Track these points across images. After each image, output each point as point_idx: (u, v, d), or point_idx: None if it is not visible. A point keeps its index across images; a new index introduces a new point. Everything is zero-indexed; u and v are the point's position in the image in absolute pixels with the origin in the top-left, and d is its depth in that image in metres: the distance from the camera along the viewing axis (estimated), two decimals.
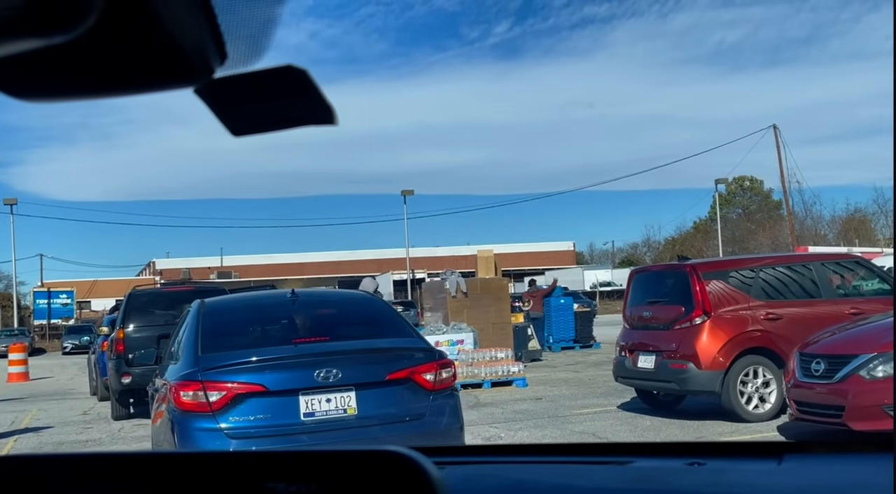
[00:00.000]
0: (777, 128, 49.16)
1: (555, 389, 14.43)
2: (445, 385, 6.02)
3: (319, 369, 5.71)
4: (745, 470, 1.62)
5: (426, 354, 6.11)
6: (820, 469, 1.62)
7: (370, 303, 7.17)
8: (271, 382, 5.70)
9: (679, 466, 1.64)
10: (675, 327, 10.50)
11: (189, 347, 6.14)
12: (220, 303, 7.07)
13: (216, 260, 71.69)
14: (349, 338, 6.38)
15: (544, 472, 1.73)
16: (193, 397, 5.62)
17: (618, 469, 1.67)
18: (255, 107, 0.85)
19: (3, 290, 68.33)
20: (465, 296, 17.60)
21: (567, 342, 23.68)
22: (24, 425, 13.63)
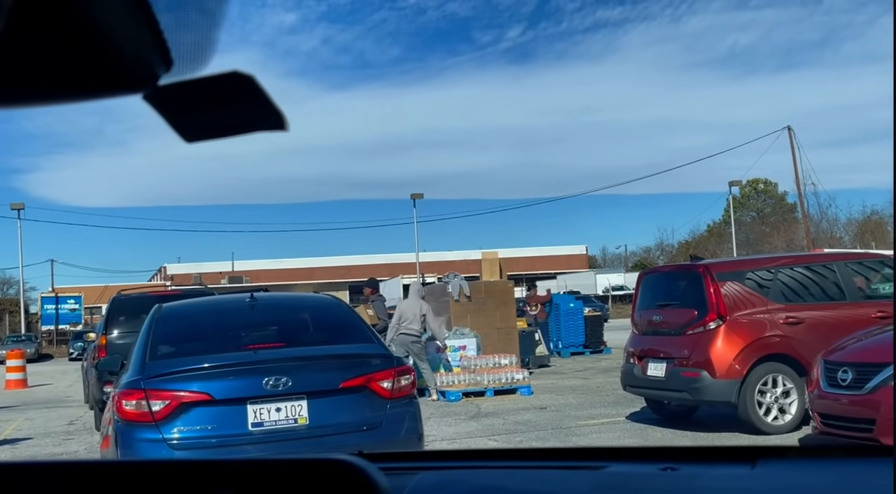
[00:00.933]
0: (791, 130, 48.35)
1: (561, 397, 13.70)
2: (404, 392, 5.84)
3: (269, 376, 5.52)
4: (718, 476, 1.61)
5: (383, 361, 5.91)
6: (792, 474, 1.60)
7: (333, 308, 6.83)
8: (217, 390, 5.51)
9: (652, 471, 1.63)
10: (688, 332, 9.75)
11: (137, 354, 5.93)
12: (176, 309, 6.78)
13: (227, 266, 71.75)
14: (305, 344, 6.18)
15: (515, 478, 1.70)
16: (136, 406, 5.44)
17: (591, 473, 1.66)
18: (205, 113, 0.84)
19: (14, 295, 68.00)
20: (468, 300, 16.86)
21: (577, 347, 22.95)
22: (3, 436, 13.05)
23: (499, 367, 14.55)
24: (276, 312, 6.74)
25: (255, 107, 0.84)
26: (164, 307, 6.67)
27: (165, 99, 0.80)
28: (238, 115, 0.86)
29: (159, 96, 0.79)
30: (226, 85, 0.81)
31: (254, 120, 0.86)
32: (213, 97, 0.82)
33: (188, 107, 0.83)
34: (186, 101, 0.82)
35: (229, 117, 0.86)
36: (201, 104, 0.83)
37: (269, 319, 6.50)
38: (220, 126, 0.87)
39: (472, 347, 15.29)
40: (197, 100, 0.82)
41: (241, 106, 0.84)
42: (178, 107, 0.83)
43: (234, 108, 0.84)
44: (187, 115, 0.84)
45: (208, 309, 7.03)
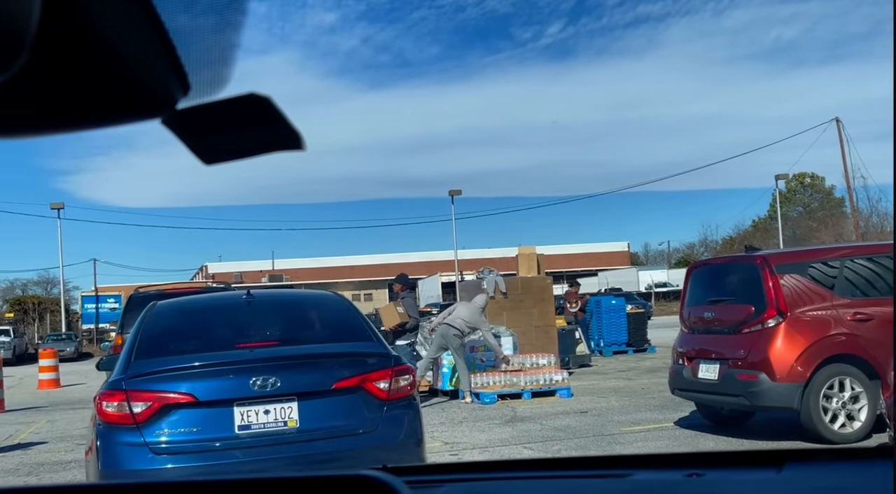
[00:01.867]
0: (840, 122, 46.86)
1: (603, 400, 12.84)
2: (402, 394, 5.53)
3: (256, 376, 5.25)
4: (745, 481, 1.59)
5: (380, 360, 5.58)
6: (820, 477, 1.58)
7: (332, 305, 6.42)
8: (202, 391, 5.24)
9: (678, 478, 1.61)
10: (744, 330, 8.83)
11: (124, 354, 5.70)
12: (169, 307, 6.44)
13: (268, 264, 71.92)
14: (299, 343, 5.87)
15: (540, 489, 1.69)
16: (117, 408, 5.19)
17: (616, 482, 1.64)
18: (223, 135, 0.85)
19: (58, 295, 68.52)
20: (504, 297, 16.03)
21: (619, 346, 22.04)
22: (19, 440, 12.55)
23: (537, 368, 13.72)
24: (271, 310, 6.40)
25: (272, 128, 0.84)
26: (158, 304, 6.40)
27: (183, 123, 0.81)
28: (256, 136, 0.86)
29: (177, 120, 0.80)
30: (243, 107, 0.81)
31: (271, 140, 0.87)
32: (230, 119, 0.82)
33: (206, 129, 0.83)
34: (204, 124, 0.82)
35: (247, 138, 0.86)
36: (219, 126, 0.83)
37: (263, 317, 6.17)
38: (239, 147, 0.87)
39: (509, 346, 14.47)
40: (214, 122, 0.82)
41: (259, 127, 0.84)
42: (196, 130, 0.83)
43: (251, 130, 0.84)
44: (205, 138, 0.85)
45: (202, 307, 6.68)
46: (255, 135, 0.85)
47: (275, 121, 0.84)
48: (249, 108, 0.81)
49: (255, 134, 0.85)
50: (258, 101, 0.81)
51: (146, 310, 6.27)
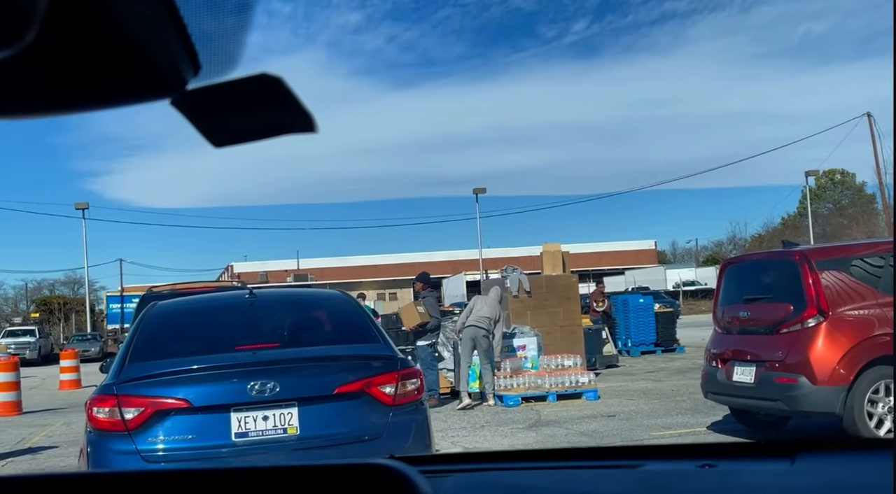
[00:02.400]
0: (871, 117, 45.92)
1: (631, 403, 12.35)
2: (409, 398, 5.27)
3: (255, 381, 5.00)
4: (758, 472, 1.58)
5: (386, 363, 5.33)
6: (834, 468, 1.57)
7: (338, 305, 6.13)
8: (197, 396, 5.00)
9: (690, 468, 1.60)
10: (782, 330, 8.32)
11: (118, 357, 5.49)
12: (168, 307, 6.21)
13: (293, 264, 71.95)
14: (301, 345, 5.62)
15: (552, 479, 1.67)
16: (108, 414, 4.98)
17: (627, 472, 1.63)
18: (233, 117, 0.84)
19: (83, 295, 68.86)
20: (528, 296, 15.54)
21: (647, 346, 21.50)
22: (31, 444, 12.27)
23: (562, 369, 13.23)
24: (274, 310, 6.16)
25: (284, 109, 0.83)
26: (157, 305, 6.16)
27: (193, 104, 0.80)
28: (267, 118, 0.84)
29: (187, 101, 0.79)
30: (254, 87, 0.79)
31: (283, 122, 0.85)
32: (241, 100, 0.81)
33: (216, 111, 0.82)
34: (215, 106, 0.81)
35: (258, 120, 0.84)
36: (230, 108, 0.82)
37: (266, 318, 5.94)
38: (249, 129, 0.85)
39: (533, 347, 13.98)
40: (225, 103, 0.81)
41: (270, 108, 0.83)
42: (207, 111, 0.82)
43: (262, 111, 0.83)
44: (215, 120, 0.83)
45: (203, 308, 6.40)
46: (267, 116, 0.84)
47: (287, 102, 0.82)
48: (261, 89, 0.80)
49: (267, 115, 0.84)
50: (270, 82, 0.80)
51: (145, 311, 6.10)
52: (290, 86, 0.80)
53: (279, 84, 0.80)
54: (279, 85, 0.80)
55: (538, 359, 13.72)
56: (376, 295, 60.55)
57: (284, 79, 0.80)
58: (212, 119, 0.83)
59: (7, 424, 15.05)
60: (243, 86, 0.78)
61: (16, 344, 43.75)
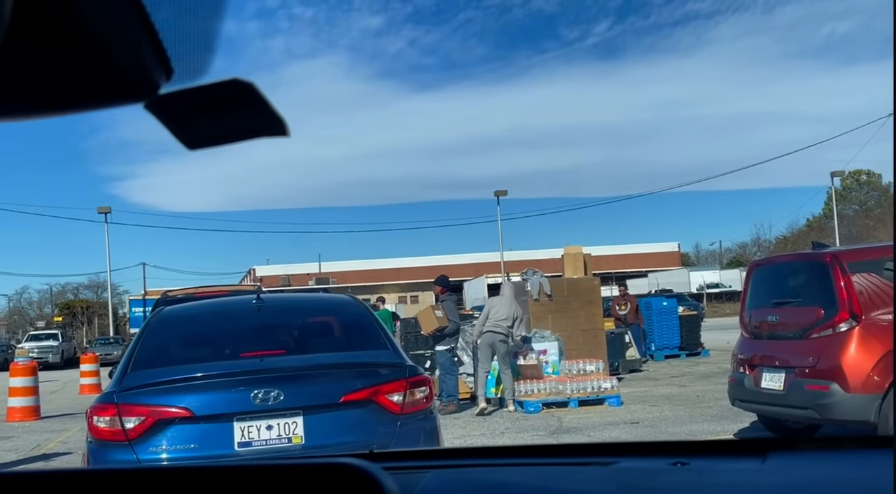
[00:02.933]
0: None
1: (655, 409, 12.04)
2: (418, 407, 5.14)
3: (258, 389, 4.88)
4: (729, 469, 1.61)
5: (394, 370, 5.20)
6: (803, 466, 1.60)
7: (347, 310, 5.96)
8: (199, 405, 4.89)
9: (663, 466, 1.63)
10: (812, 335, 8.00)
11: (121, 364, 5.40)
12: (174, 312, 6.08)
13: (315, 267, 72.07)
14: (308, 352, 5.52)
15: (527, 475, 1.69)
16: (109, 423, 4.88)
17: (601, 469, 1.65)
18: (206, 121, 0.85)
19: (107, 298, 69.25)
20: (549, 299, 15.26)
21: (671, 349, 21.14)
22: (45, 450, 12.16)
23: (584, 374, 12.94)
24: (281, 316, 6.04)
25: (256, 114, 0.84)
26: (164, 310, 6.06)
27: (166, 107, 0.81)
28: (239, 122, 0.85)
29: (160, 105, 0.80)
30: (226, 92, 0.80)
31: (255, 126, 0.86)
32: (213, 105, 0.82)
33: (189, 114, 0.83)
34: (187, 109, 0.82)
35: (231, 124, 0.85)
36: (202, 112, 0.83)
37: (272, 323, 5.82)
38: (222, 133, 0.86)
39: (554, 351, 13.71)
40: (198, 107, 0.82)
41: (243, 113, 0.83)
42: (179, 115, 0.83)
43: (235, 115, 0.84)
44: (189, 123, 0.84)
45: (209, 313, 6.25)
46: (239, 120, 0.85)
47: (259, 107, 0.83)
48: (233, 94, 0.81)
49: (239, 119, 0.85)
50: (242, 87, 0.81)
51: (150, 316, 6.03)
52: (261, 92, 0.81)
53: (251, 89, 0.81)
54: (251, 90, 0.81)
55: (559, 364, 13.45)
56: (397, 298, 60.42)
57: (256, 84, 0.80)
58: (185, 122, 0.84)
59: (24, 429, 14.97)
60: (215, 90, 0.79)
61: (39, 348, 43.97)
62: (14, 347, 46.49)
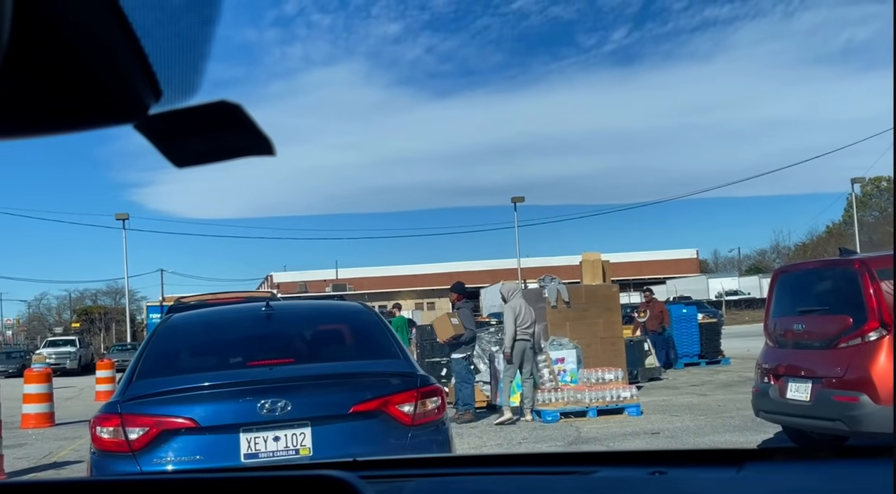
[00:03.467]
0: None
1: (676, 419, 11.79)
2: (429, 418, 5.00)
3: (265, 399, 4.76)
4: (705, 479, 1.62)
5: (405, 380, 5.06)
6: (779, 476, 1.61)
7: (358, 318, 5.83)
8: (204, 415, 4.77)
9: (641, 475, 1.64)
10: (841, 345, 7.74)
11: (126, 373, 5.28)
12: (182, 320, 5.94)
13: (332, 273, 72.06)
14: (315, 361, 5.37)
15: (506, 484, 1.72)
16: (112, 434, 4.76)
17: (580, 479, 1.67)
18: (194, 141, 0.86)
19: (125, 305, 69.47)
20: (567, 306, 15.03)
21: (691, 357, 20.84)
22: (56, 458, 12.04)
23: (603, 383, 12.70)
24: (291, 323, 5.90)
25: (243, 134, 0.85)
26: (172, 317, 5.96)
27: (155, 127, 0.82)
28: (227, 142, 0.87)
29: (149, 125, 0.81)
30: (214, 114, 0.82)
31: (242, 146, 0.87)
32: (201, 125, 0.83)
33: (178, 134, 0.84)
34: (176, 129, 0.83)
35: (218, 144, 0.87)
36: (190, 132, 0.84)
37: (281, 331, 5.68)
38: (210, 152, 0.88)
39: (572, 360, 13.47)
40: (186, 128, 0.83)
41: (230, 133, 0.85)
42: (168, 134, 0.84)
43: (222, 136, 0.85)
44: (177, 142, 0.86)
45: (217, 321, 6.10)
46: (227, 140, 0.86)
47: (245, 127, 0.84)
48: (220, 115, 0.82)
49: (227, 139, 0.86)
50: (229, 109, 0.82)
51: (158, 324, 5.91)
52: (248, 114, 0.83)
53: (238, 111, 0.82)
54: (238, 112, 0.82)
55: (577, 373, 13.22)
56: (414, 304, 60.29)
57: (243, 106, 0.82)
58: (173, 141, 0.85)
59: (38, 436, 14.89)
60: (203, 112, 0.80)
61: (56, 354, 44.05)
62: (32, 353, 46.61)
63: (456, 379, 12.91)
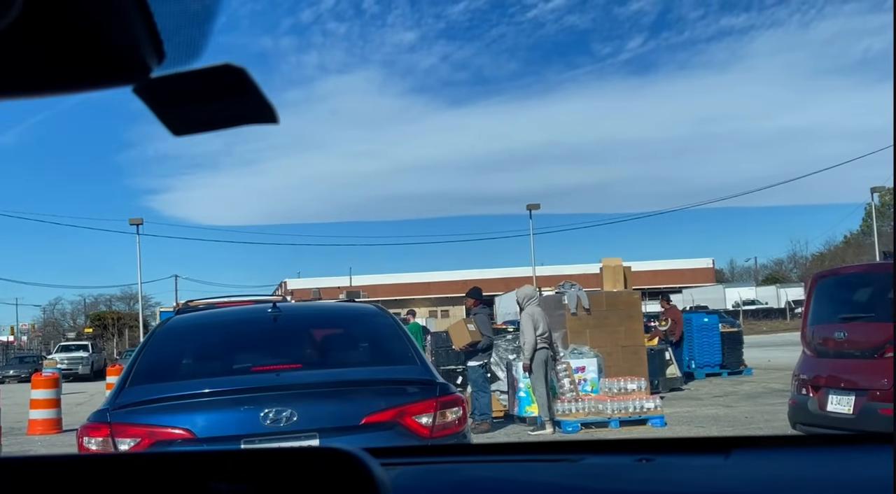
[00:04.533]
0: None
1: (702, 431, 11.33)
2: (449, 430, 4.57)
3: (269, 408, 4.35)
4: (693, 466, 1.63)
5: (423, 389, 4.65)
6: (766, 463, 1.62)
7: (372, 321, 5.44)
8: (202, 426, 4.38)
9: (628, 462, 1.65)
10: (887, 354, 7.29)
11: (119, 379, 4.95)
12: (181, 322, 5.58)
13: (345, 281, 71.87)
14: (325, 366, 5.02)
15: (495, 471, 1.73)
16: (101, 445, 4.39)
17: (568, 466, 1.68)
18: (196, 106, 0.85)
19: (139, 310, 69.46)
20: (587, 313, 14.57)
21: (713, 367, 20.32)
22: None
23: (625, 393, 12.23)
24: (299, 326, 5.50)
25: (246, 100, 0.83)
26: (170, 320, 5.61)
27: (156, 91, 0.80)
28: (229, 108, 0.85)
29: (150, 89, 0.80)
30: (218, 77, 0.80)
31: (245, 113, 0.86)
32: (204, 90, 0.82)
33: (179, 99, 0.83)
34: (177, 94, 0.82)
35: (220, 110, 0.85)
36: (192, 97, 0.82)
37: (288, 334, 5.30)
38: (211, 119, 0.86)
39: (593, 369, 13.00)
40: (188, 92, 0.81)
41: (233, 98, 0.84)
42: (169, 99, 0.82)
43: (225, 101, 0.84)
44: (178, 108, 0.84)
45: (220, 323, 5.70)
46: (229, 106, 0.84)
47: (249, 92, 0.82)
48: (224, 79, 0.80)
49: (229, 105, 0.84)
50: (234, 72, 0.80)
51: (156, 326, 5.65)
52: (253, 78, 0.80)
53: (243, 75, 0.80)
54: (243, 76, 0.80)
55: (598, 382, 12.76)
56: (428, 312, 59.90)
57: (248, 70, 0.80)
58: (174, 107, 0.83)
59: (44, 443, 14.58)
60: (207, 75, 0.78)
61: (69, 359, 43.93)
62: (45, 358, 46.48)
63: (472, 388, 12.49)
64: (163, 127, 0.82)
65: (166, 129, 0.85)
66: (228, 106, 0.84)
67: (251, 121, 0.86)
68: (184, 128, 0.85)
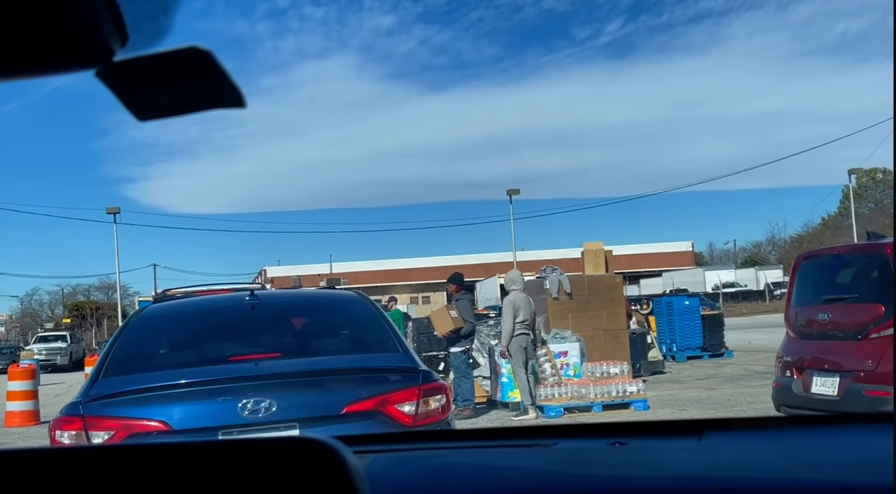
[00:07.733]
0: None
1: (685, 414, 11.32)
2: (432, 418, 4.53)
3: (247, 398, 4.28)
4: (665, 448, 1.65)
5: (405, 376, 4.61)
6: (739, 444, 1.64)
7: (352, 308, 5.36)
8: (178, 417, 4.31)
9: (602, 446, 1.67)
10: (871, 335, 7.25)
11: (93, 370, 4.87)
12: (157, 311, 5.47)
13: (326, 268, 71.67)
14: (305, 355, 4.95)
15: (469, 456, 1.74)
16: (74, 438, 4.31)
17: (542, 450, 1.70)
18: (160, 90, 0.83)
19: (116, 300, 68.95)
20: (569, 298, 14.52)
21: (693, 350, 20.38)
22: None
23: (608, 377, 12.20)
24: (277, 314, 5.42)
25: (212, 84, 0.82)
26: (145, 309, 5.55)
27: (120, 75, 0.79)
28: (195, 92, 0.83)
29: (113, 72, 0.78)
30: (183, 60, 0.78)
31: (211, 97, 0.84)
32: (169, 73, 0.80)
33: (143, 83, 0.80)
34: (142, 78, 0.80)
35: (186, 94, 0.83)
36: (157, 80, 0.80)
37: (267, 323, 5.22)
38: (177, 103, 0.84)
39: (575, 353, 12.96)
40: (153, 76, 0.80)
41: (199, 82, 0.82)
42: (133, 83, 0.80)
43: (191, 85, 0.82)
44: (142, 93, 0.82)
45: (196, 312, 5.59)
46: (195, 90, 0.83)
47: (216, 76, 0.81)
48: (190, 62, 0.79)
49: (195, 89, 0.82)
50: (199, 55, 0.78)
51: (130, 316, 5.54)
52: (219, 61, 0.79)
53: (208, 58, 0.78)
54: (208, 58, 0.78)
55: (581, 367, 12.72)
56: (409, 298, 59.85)
57: (214, 52, 0.78)
58: (138, 92, 0.81)
59: (21, 435, 14.39)
60: (172, 58, 0.77)
61: (47, 350, 43.58)
62: (22, 349, 46.07)
63: (455, 374, 12.43)
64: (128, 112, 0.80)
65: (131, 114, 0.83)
66: (194, 90, 0.82)
67: (218, 106, 0.84)
68: (149, 113, 0.84)
